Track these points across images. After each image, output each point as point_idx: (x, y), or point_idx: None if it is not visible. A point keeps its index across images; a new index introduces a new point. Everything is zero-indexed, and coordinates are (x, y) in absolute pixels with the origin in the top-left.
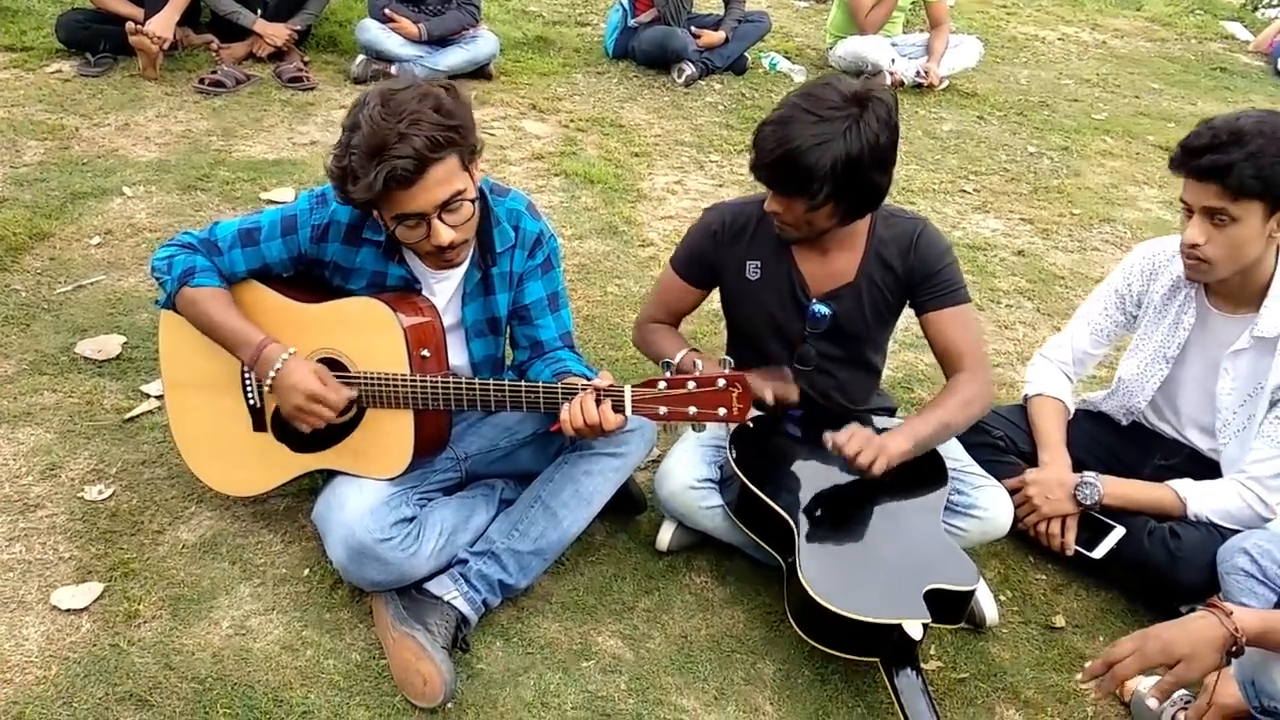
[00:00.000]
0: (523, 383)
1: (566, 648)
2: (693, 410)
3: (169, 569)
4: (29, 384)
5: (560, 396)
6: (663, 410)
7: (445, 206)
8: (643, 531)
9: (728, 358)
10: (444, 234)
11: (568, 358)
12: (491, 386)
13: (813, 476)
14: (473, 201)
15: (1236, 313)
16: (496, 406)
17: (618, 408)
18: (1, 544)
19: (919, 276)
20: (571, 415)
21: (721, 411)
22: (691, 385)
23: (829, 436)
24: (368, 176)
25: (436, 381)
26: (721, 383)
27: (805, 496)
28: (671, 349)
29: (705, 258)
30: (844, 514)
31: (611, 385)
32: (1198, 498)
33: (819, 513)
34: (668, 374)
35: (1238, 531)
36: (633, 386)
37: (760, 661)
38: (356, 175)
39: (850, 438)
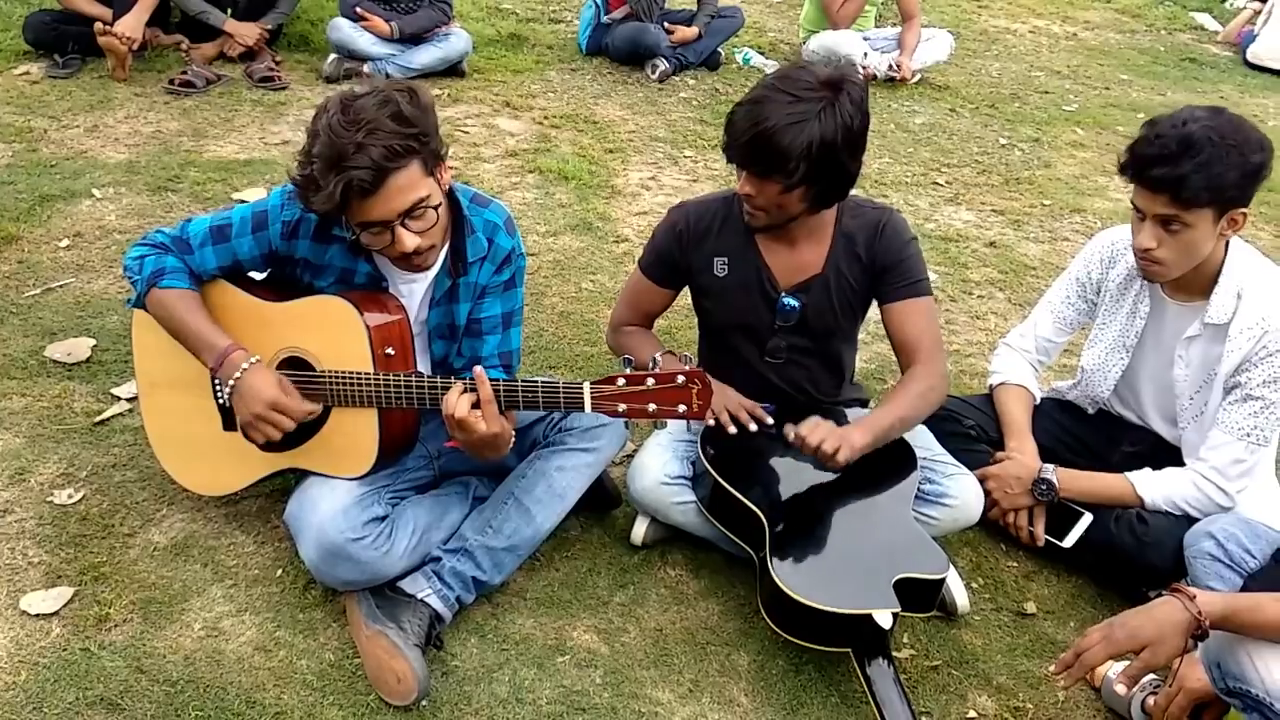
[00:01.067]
0: (465, 379)
1: (541, 643)
2: (652, 407)
3: (140, 572)
4: None
5: (520, 393)
6: (621, 407)
7: (408, 214)
8: (617, 526)
9: (686, 354)
10: (408, 241)
11: (496, 376)
12: (428, 383)
13: (784, 470)
14: (436, 208)
15: (1189, 301)
16: (432, 404)
17: (575, 404)
18: None
19: (882, 265)
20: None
21: (681, 408)
22: (650, 382)
23: (790, 429)
24: (327, 188)
25: (398, 379)
26: (681, 379)
27: (776, 490)
28: (647, 353)
29: (672, 257)
30: (814, 507)
31: (569, 382)
32: (1152, 488)
33: (790, 506)
34: (627, 370)
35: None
36: (591, 383)
37: (735, 653)
38: (318, 186)
39: (813, 429)
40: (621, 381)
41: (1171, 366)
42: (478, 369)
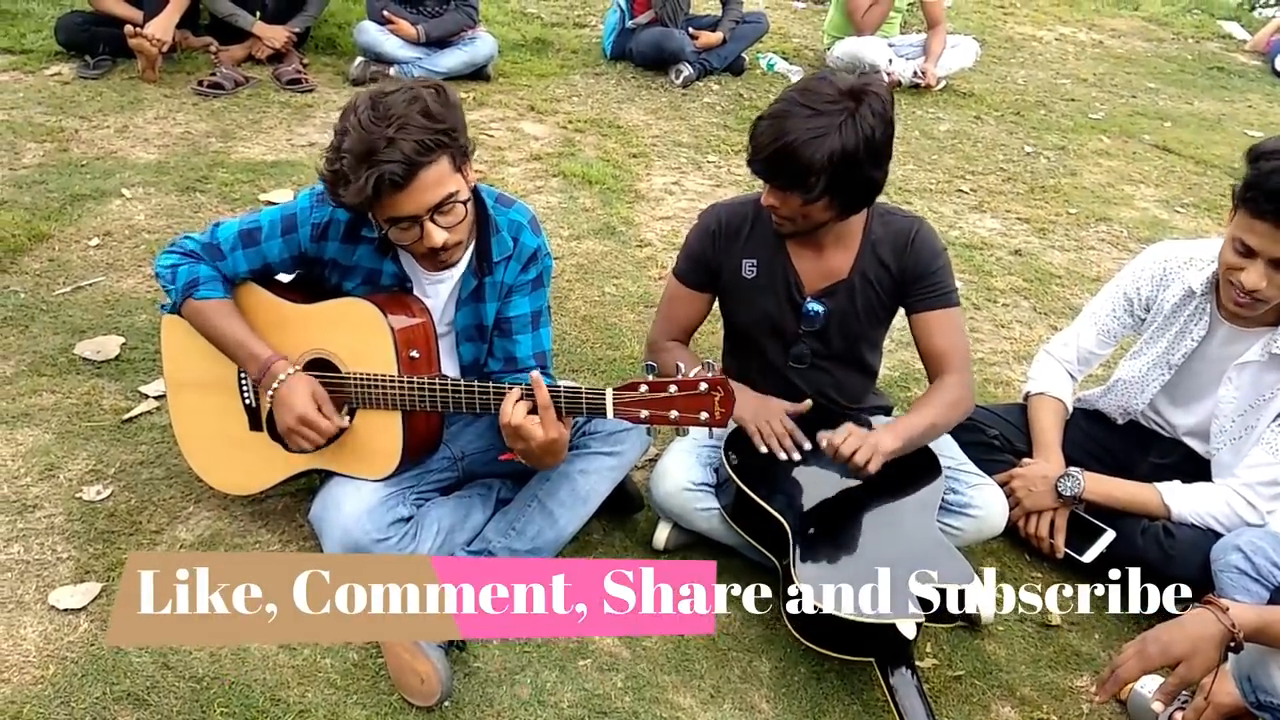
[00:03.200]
0: (506, 385)
1: (563, 646)
2: (674, 414)
3: None
4: (28, 385)
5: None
6: (644, 414)
7: (437, 209)
8: (639, 530)
9: (710, 360)
10: (436, 236)
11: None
12: (476, 388)
13: (808, 478)
14: (465, 203)
15: (1247, 327)
16: (481, 409)
17: (598, 410)
18: (0, 544)
19: (912, 276)
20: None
21: (704, 416)
22: (673, 389)
23: (824, 436)
24: (358, 181)
25: (422, 382)
26: (704, 386)
27: (800, 498)
28: (677, 361)
29: (706, 258)
30: (838, 515)
31: (592, 388)
32: (1182, 501)
33: (813, 514)
34: (650, 377)
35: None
36: (614, 389)
37: (757, 660)
38: (348, 180)
39: (846, 438)
40: (644, 388)
41: (1217, 387)
42: (535, 374)
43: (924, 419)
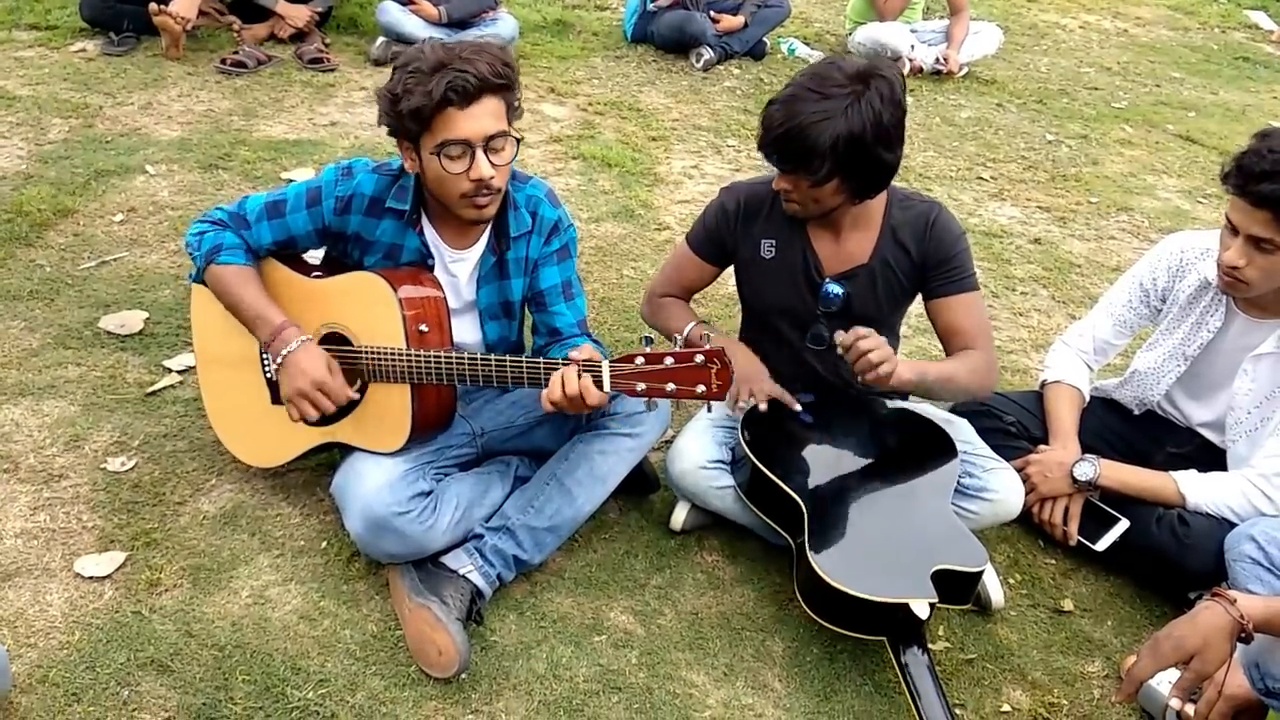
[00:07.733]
0: (508, 357)
1: (579, 622)
2: (671, 387)
3: (190, 539)
4: (54, 357)
5: (543, 371)
6: (640, 386)
7: (490, 142)
8: (655, 510)
9: (707, 333)
10: (484, 168)
11: (585, 344)
12: (479, 360)
13: (823, 458)
14: (517, 141)
15: (1263, 318)
16: (485, 382)
17: (597, 383)
18: (27, 513)
19: (933, 261)
20: (551, 388)
21: (700, 389)
22: (669, 361)
23: (840, 333)
24: (426, 86)
25: (428, 356)
26: (699, 359)
27: (816, 478)
28: (682, 323)
29: (721, 235)
30: (854, 495)
31: (589, 360)
32: (1198, 490)
33: (829, 494)
34: (647, 349)
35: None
36: (610, 362)
37: (770, 639)
38: (411, 91)
39: (866, 334)
40: (640, 360)
41: (1233, 379)
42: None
43: (941, 369)
